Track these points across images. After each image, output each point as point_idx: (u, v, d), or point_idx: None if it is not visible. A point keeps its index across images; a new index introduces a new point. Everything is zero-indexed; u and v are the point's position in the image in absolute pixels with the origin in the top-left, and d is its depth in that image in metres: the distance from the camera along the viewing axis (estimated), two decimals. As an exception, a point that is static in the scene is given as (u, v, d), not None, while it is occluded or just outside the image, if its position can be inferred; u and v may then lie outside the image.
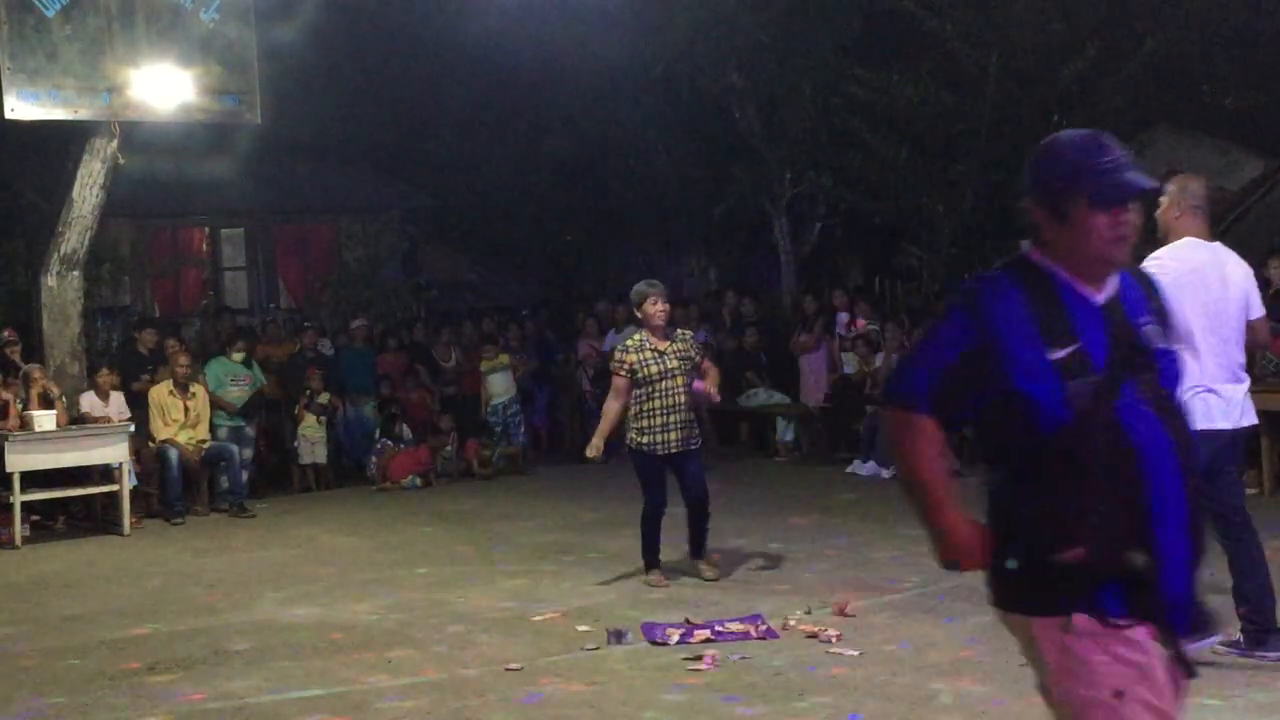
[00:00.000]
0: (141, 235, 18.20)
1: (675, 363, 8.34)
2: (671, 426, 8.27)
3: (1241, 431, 5.99)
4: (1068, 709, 2.95)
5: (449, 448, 14.23)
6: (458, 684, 6.25)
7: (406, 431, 14.07)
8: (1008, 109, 14.53)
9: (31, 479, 11.19)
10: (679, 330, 8.78)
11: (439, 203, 20.78)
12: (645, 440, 8.29)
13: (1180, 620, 2.93)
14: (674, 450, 8.31)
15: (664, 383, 8.26)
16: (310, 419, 13.78)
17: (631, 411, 8.33)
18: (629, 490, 12.42)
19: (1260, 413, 9.85)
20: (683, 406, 8.31)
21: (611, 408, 8.41)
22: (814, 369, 14.46)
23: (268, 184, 18.58)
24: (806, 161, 16.64)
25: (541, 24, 16.96)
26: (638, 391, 8.28)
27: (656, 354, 8.32)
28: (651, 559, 8.42)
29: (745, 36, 16.26)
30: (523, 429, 14.93)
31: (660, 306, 8.37)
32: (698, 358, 8.54)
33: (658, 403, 8.25)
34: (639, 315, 8.44)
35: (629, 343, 8.43)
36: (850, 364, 14.13)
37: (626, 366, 8.30)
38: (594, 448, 8.47)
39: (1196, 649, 3.06)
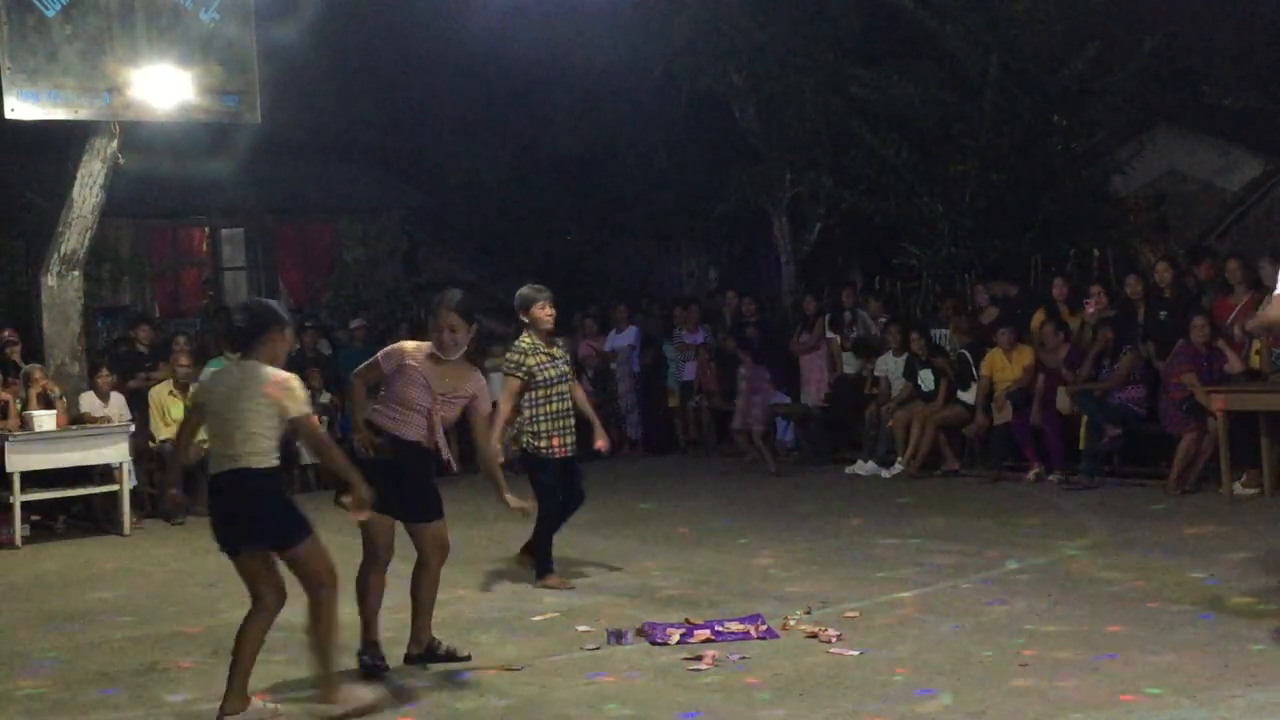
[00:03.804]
0: (141, 235, 18.21)
1: (565, 368, 8.40)
2: (567, 431, 8.32)
3: None
4: None
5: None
6: (458, 684, 6.25)
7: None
8: (1008, 109, 14.52)
9: (31, 479, 11.18)
10: (558, 338, 8.76)
11: (439, 203, 20.78)
12: (544, 445, 8.24)
13: None
14: (570, 454, 8.36)
15: (558, 387, 8.27)
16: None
17: (525, 415, 8.25)
18: (629, 491, 12.49)
19: (1260, 413, 9.95)
20: (571, 412, 8.36)
21: (505, 409, 8.22)
22: (814, 369, 14.44)
23: (268, 184, 18.58)
24: (806, 161, 16.64)
25: (542, 23, 16.96)
26: (532, 395, 8.22)
27: (550, 358, 8.31)
28: (549, 564, 8.38)
29: (745, 36, 16.26)
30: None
31: (549, 311, 8.31)
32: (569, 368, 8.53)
33: (554, 406, 8.24)
34: (525, 320, 8.33)
35: (523, 345, 8.28)
36: (850, 364, 14.12)
37: (525, 369, 8.20)
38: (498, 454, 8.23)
39: None
